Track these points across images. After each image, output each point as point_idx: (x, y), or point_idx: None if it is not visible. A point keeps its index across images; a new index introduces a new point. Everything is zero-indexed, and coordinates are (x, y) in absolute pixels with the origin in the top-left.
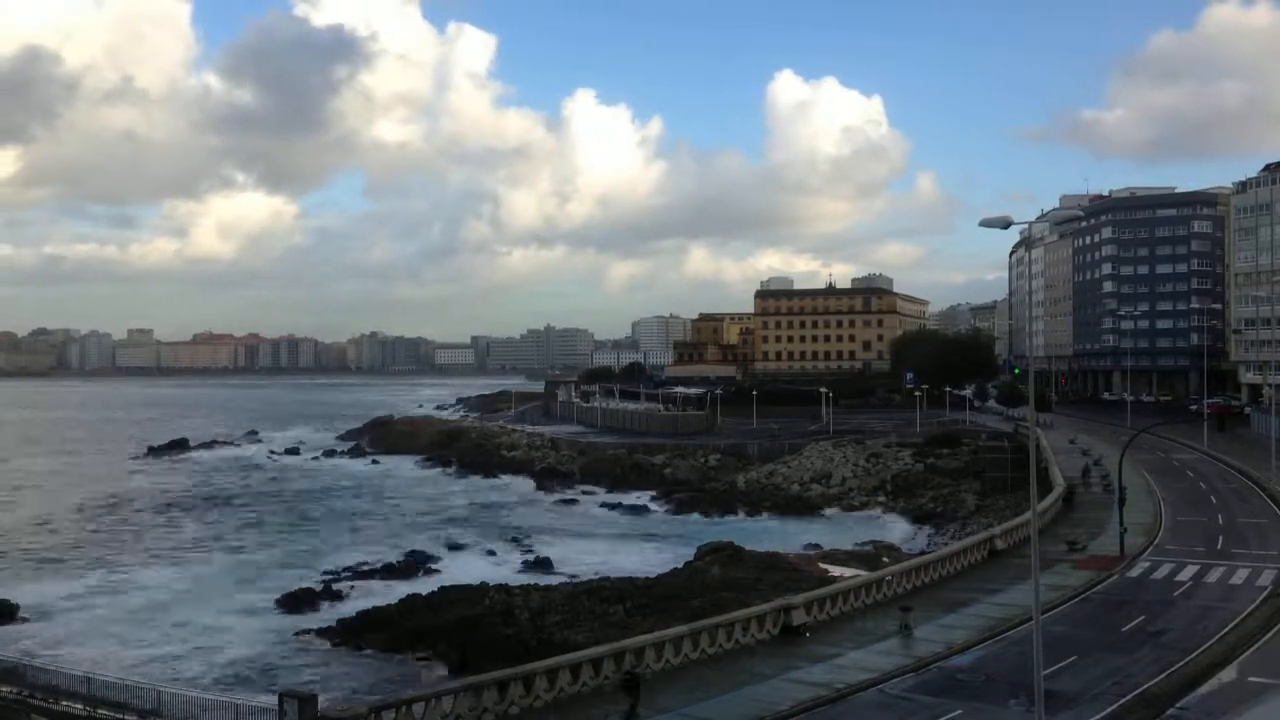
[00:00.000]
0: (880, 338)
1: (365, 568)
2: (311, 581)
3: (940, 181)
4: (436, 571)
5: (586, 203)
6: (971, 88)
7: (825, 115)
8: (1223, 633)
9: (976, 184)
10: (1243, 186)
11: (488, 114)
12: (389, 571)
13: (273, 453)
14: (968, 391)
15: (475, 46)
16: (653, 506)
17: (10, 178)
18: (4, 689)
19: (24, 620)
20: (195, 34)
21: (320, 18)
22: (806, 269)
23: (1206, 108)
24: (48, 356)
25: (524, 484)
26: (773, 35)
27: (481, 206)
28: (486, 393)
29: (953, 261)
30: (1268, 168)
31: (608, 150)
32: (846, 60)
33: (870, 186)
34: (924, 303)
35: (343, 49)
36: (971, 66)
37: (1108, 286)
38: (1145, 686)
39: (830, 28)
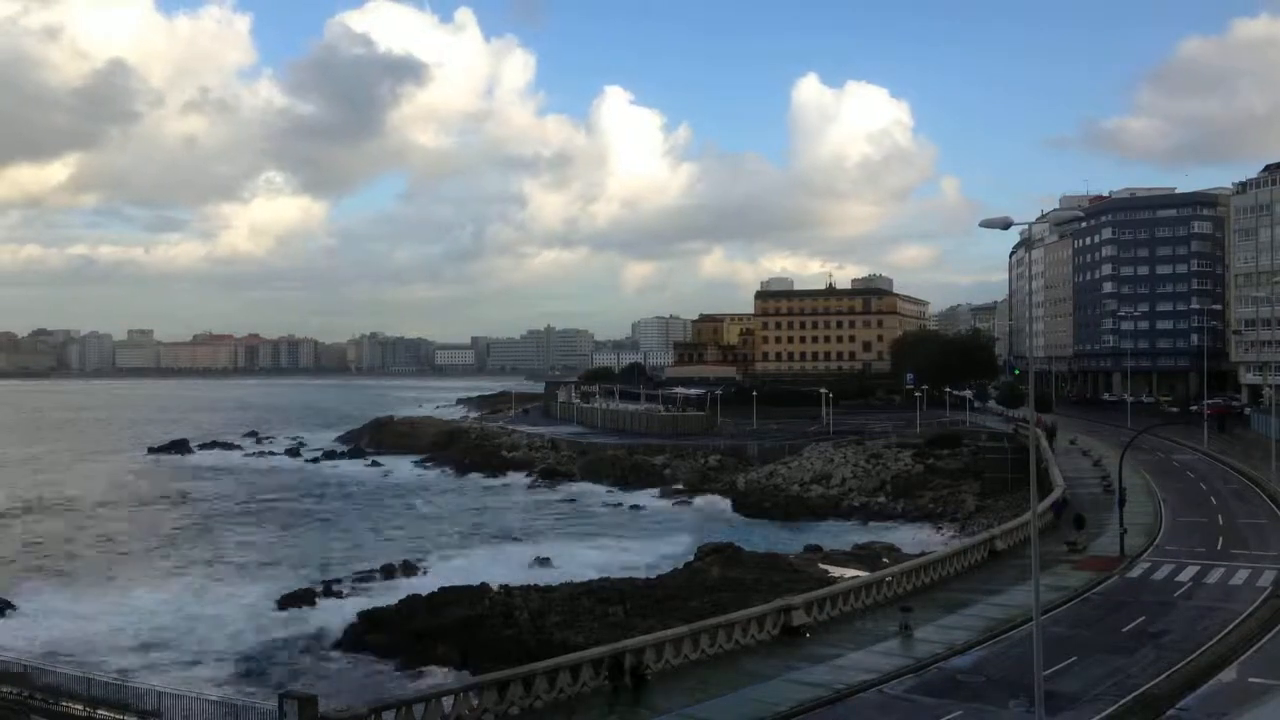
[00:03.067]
0: (880, 338)
1: (365, 568)
2: (311, 582)
3: (964, 187)
4: (436, 573)
5: (612, 205)
6: (998, 94)
7: (852, 121)
8: (1223, 634)
9: (1001, 190)
10: (1243, 187)
11: (527, 121)
12: (389, 572)
13: (272, 453)
14: (968, 392)
15: (519, 57)
16: (653, 507)
17: (63, 184)
18: (4, 689)
19: (23, 619)
20: (254, 46)
21: (378, 33)
22: (821, 271)
23: (1233, 115)
24: (48, 357)
25: (524, 484)
26: (799, 41)
27: (510, 210)
28: (487, 393)
29: (964, 264)
30: (1268, 168)
31: (636, 154)
32: (873, 66)
33: (893, 192)
34: (924, 303)
35: (399, 64)
36: (998, 74)
37: (1108, 287)
38: (1145, 687)
39: (858, 34)
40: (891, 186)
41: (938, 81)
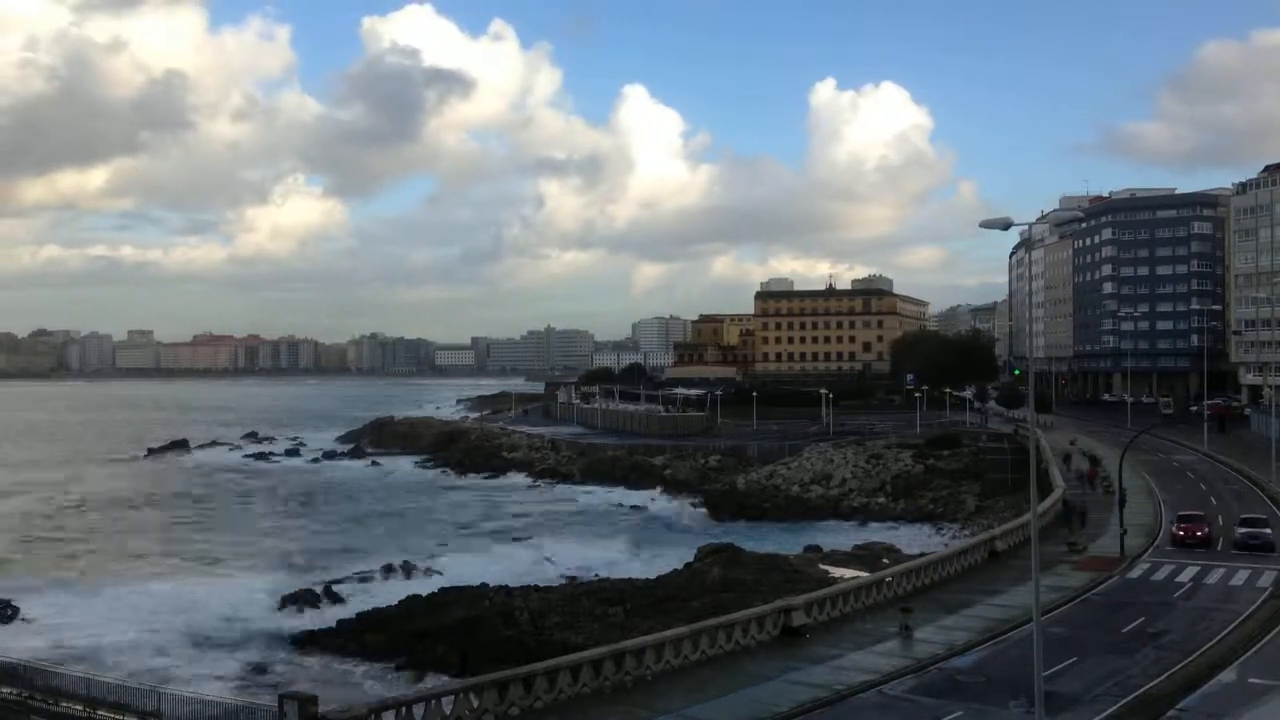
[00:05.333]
0: (880, 339)
1: (365, 568)
2: (312, 583)
3: (981, 191)
4: (436, 572)
5: (630, 208)
6: (1016, 99)
7: (871, 125)
8: (1223, 634)
9: (1018, 194)
10: (1242, 188)
11: (552, 125)
12: (389, 572)
13: (272, 454)
14: (968, 393)
15: (547, 63)
16: (653, 508)
17: (101, 189)
18: (4, 690)
19: (24, 621)
20: (293, 55)
21: (412, 40)
22: (832, 273)
23: (1253, 120)
24: (48, 358)
25: (524, 485)
26: (817, 47)
27: (529, 212)
28: (487, 394)
29: (976, 266)
30: (1267, 169)
31: (655, 158)
32: (892, 71)
33: (908, 196)
34: (924, 304)
35: (432, 71)
36: (1016, 78)
37: (1108, 288)
38: (1145, 688)
39: (876, 39)
40: (906, 190)
41: (956, 87)
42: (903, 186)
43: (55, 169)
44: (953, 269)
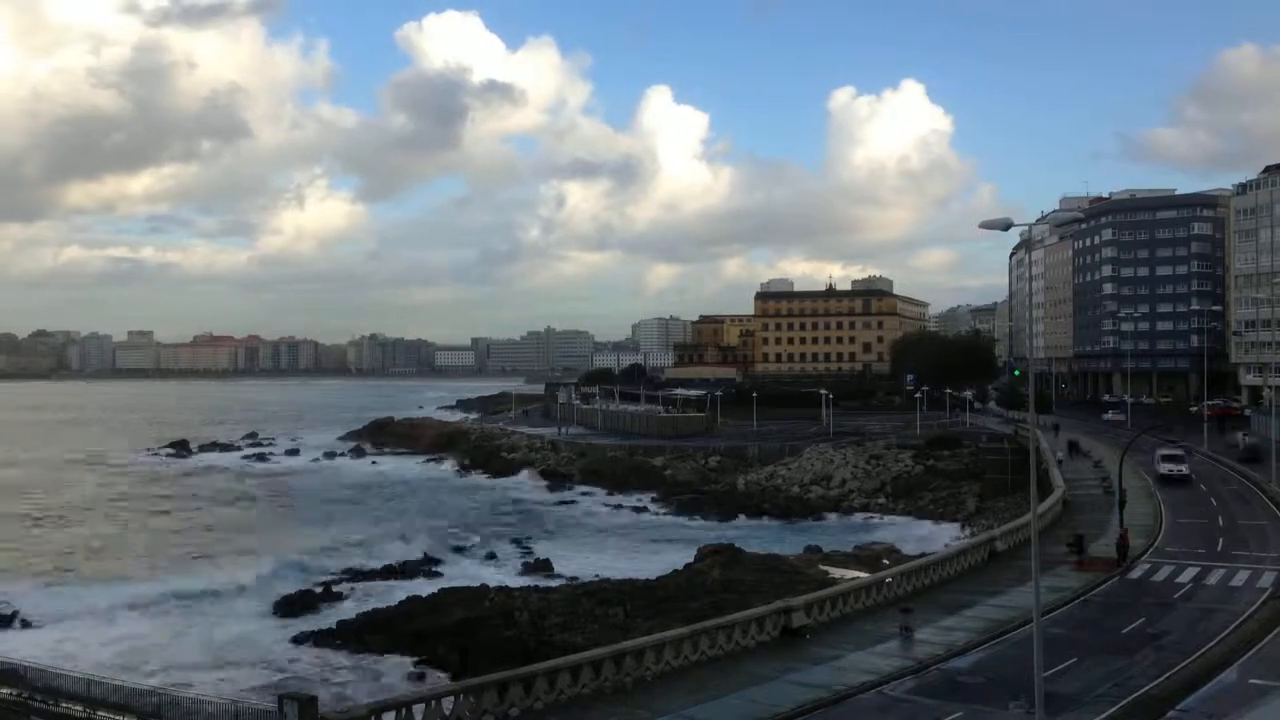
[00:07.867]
0: (880, 339)
1: (365, 570)
2: (311, 583)
3: (1000, 194)
4: (436, 574)
5: (649, 210)
6: (1034, 103)
7: (890, 130)
8: (1223, 635)
9: (1036, 199)
10: (1243, 188)
11: (576, 130)
12: (389, 573)
13: (272, 454)
14: (968, 393)
15: (574, 72)
16: (653, 508)
17: (140, 194)
18: (4, 691)
19: (24, 624)
20: (331, 64)
21: (443, 48)
22: (832, 275)
23: (1275, 125)
24: (48, 359)
25: (524, 486)
26: (838, 52)
27: (548, 215)
28: (487, 394)
29: (980, 267)
30: (1267, 169)
31: (678, 161)
32: (914, 77)
33: (928, 200)
34: (924, 304)
35: (461, 77)
36: (1035, 83)
37: (1108, 288)
38: (1145, 688)
39: (899, 46)
40: (925, 194)
41: (976, 93)
42: (922, 191)
43: (104, 174)
44: (960, 271)
